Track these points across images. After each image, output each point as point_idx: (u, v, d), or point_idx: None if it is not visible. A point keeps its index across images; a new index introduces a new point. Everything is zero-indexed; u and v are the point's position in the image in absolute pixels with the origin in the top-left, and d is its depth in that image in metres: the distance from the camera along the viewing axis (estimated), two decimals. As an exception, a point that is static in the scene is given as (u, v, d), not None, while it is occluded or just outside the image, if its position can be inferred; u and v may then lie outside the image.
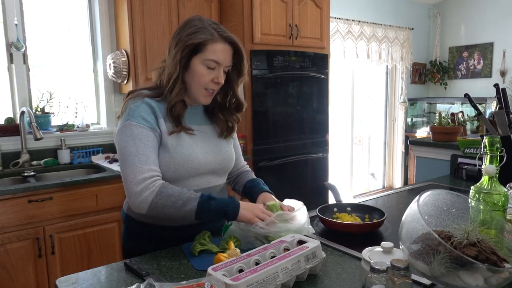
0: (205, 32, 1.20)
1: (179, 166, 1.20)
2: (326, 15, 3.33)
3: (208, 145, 1.29)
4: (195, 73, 1.21)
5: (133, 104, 1.20)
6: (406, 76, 5.20)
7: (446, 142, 2.59)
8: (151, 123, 1.18)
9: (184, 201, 1.14)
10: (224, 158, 1.33)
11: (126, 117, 1.19)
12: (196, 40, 1.19)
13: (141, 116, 1.18)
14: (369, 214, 1.42)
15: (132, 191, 1.14)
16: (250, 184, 1.42)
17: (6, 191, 2.00)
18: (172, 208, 1.14)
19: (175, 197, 1.14)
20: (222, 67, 1.23)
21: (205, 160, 1.26)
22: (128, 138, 1.16)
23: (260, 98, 2.97)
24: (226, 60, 1.23)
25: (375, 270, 0.80)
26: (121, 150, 1.17)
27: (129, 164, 1.14)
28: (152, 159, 1.16)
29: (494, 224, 0.96)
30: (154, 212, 1.15)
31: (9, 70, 2.57)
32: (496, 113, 1.79)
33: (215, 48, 1.20)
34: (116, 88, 2.95)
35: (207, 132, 1.32)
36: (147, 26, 2.71)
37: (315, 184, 3.36)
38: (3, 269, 2.02)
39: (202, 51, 1.20)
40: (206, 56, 1.20)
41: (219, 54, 1.21)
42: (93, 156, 2.77)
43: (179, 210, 1.14)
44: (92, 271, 1.06)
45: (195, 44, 1.19)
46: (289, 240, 1.05)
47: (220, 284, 0.80)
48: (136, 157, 1.14)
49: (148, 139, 1.17)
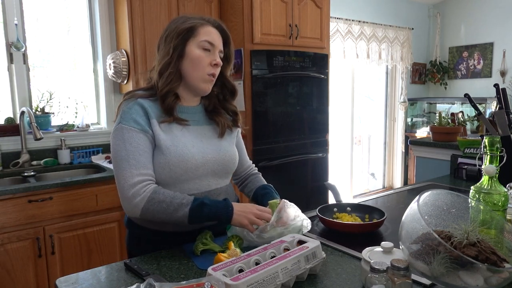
0: (193, 19, 1.24)
1: (174, 167, 1.18)
2: (326, 15, 3.33)
3: (207, 145, 1.26)
4: (193, 57, 1.22)
5: (126, 106, 1.20)
6: (406, 76, 5.20)
7: (446, 142, 2.59)
8: (142, 125, 1.17)
9: (175, 207, 1.13)
10: (224, 159, 1.29)
11: (118, 119, 1.19)
12: (187, 25, 1.22)
13: (132, 118, 1.17)
14: (369, 214, 1.42)
15: (123, 196, 1.14)
16: (262, 191, 1.39)
17: (6, 191, 2.00)
18: (164, 214, 1.13)
19: (166, 203, 1.12)
20: (217, 50, 1.25)
21: (203, 161, 1.23)
22: (119, 142, 1.16)
23: (260, 98, 2.97)
24: (219, 42, 1.26)
25: (375, 270, 0.80)
26: (113, 154, 1.17)
27: (121, 169, 1.14)
28: (142, 163, 1.15)
29: (494, 224, 0.96)
30: (147, 217, 1.15)
31: (9, 70, 2.57)
32: (496, 113, 1.79)
33: (207, 30, 1.23)
34: (116, 88, 2.95)
35: (206, 132, 1.30)
36: (147, 26, 2.71)
37: (315, 184, 3.36)
38: (3, 269, 2.02)
39: (195, 35, 1.22)
40: (200, 38, 1.22)
41: (212, 35, 1.24)
42: (93, 156, 2.77)
43: (171, 216, 1.13)
44: (92, 271, 1.06)
45: (187, 29, 1.21)
46: (289, 240, 1.05)
47: (220, 284, 0.80)
48: (127, 162, 1.13)
49: (139, 142, 1.16)
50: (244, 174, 1.48)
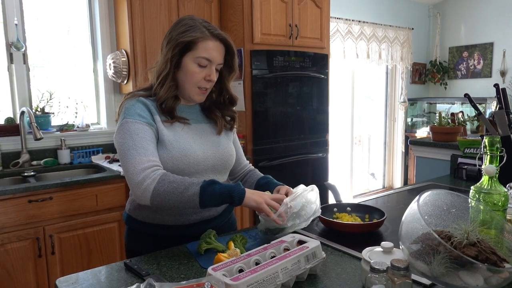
0: (196, 30, 1.21)
1: (177, 161, 1.21)
2: (326, 15, 3.33)
3: (206, 142, 1.30)
4: (187, 71, 1.23)
5: (129, 103, 1.22)
6: (406, 76, 5.20)
7: (446, 142, 2.59)
8: (147, 118, 1.20)
9: (186, 186, 1.11)
10: (223, 154, 1.33)
11: (122, 116, 1.21)
12: (187, 38, 1.20)
13: (137, 113, 1.19)
14: (369, 214, 1.42)
15: (133, 182, 1.13)
16: (264, 180, 1.41)
17: (6, 191, 2.00)
18: (175, 194, 1.11)
19: (177, 183, 1.12)
20: (214, 65, 1.24)
21: (204, 156, 1.26)
22: (125, 135, 1.17)
23: (260, 98, 2.97)
24: (218, 57, 1.24)
25: (375, 270, 0.80)
26: (120, 147, 1.18)
27: (129, 157, 1.15)
28: (150, 151, 1.17)
29: (494, 224, 0.96)
30: (157, 200, 1.12)
31: (9, 70, 2.57)
32: (496, 113, 1.79)
33: (207, 46, 1.21)
34: (116, 88, 2.95)
35: (205, 130, 1.33)
36: (147, 26, 2.71)
37: (315, 184, 3.34)
38: (3, 269, 2.02)
39: (193, 49, 1.21)
40: (198, 54, 1.21)
41: (211, 51, 1.22)
42: (93, 156, 2.77)
43: (182, 196, 1.11)
44: (92, 271, 1.06)
45: (186, 42, 1.20)
46: (289, 240, 1.05)
47: (220, 284, 0.80)
48: (135, 150, 1.15)
49: (146, 133, 1.18)
50: (242, 173, 1.50)
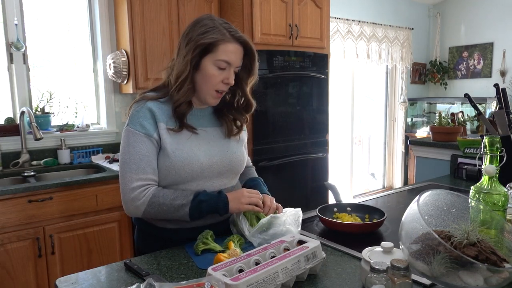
0: (216, 32, 1.18)
1: (179, 170, 1.20)
2: (326, 15, 3.33)
3: (214, 147, 1.27)
4: (205, 73, 1.20)
5: (135, 109, 1.22)
6: (406, 76, 5.20)
7: (446, 142, 2.59)
8: (147, 129, 1.18)
9: (176, 208, 1.18)
10: (231, 160, 1.29)
11: (127, 121, 1.22)
12: (208, 40, 1.17)
13: (138, 122, 1.19)
14: (369, 214, 1.42)
15: (125, 199, 1.19)
16: (251, 183, 1.42)
17: (6, 191, 2.00)
18: (166, 215, 1.19)
19: (166, 206, 1.17)
20: (233, 68, 1.22)
21: (209, 163, 1.24)
22: (125, 145, 1.20)
23: (260, 98, 2.96)
24: (237, 60, 1.22)
25: (375, 270, 0.80)
26: (119, 156, 1.22)
27: (123, 172, 1.19)
28: (142, 168, 1.18)
29: (494, 224, 0.96)
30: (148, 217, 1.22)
31: (9, 70, 2.57)
32: (496, 113, 1.79)
33: (227, 49, 1.18)
34: (116, 88, 2.95)
35: (214, 134, 1.30)
36: (147, 26, 2.71)
37: (315, 184, 3.36)
38: (3, 269, 2.02)
39: (213, 51, 1.18)
40: (218, 57, 1.18)
41: (231, 54, 1.19)
42: (93, 156, 2.77)
43: (172, 216, 1.20)
44: (92, 271, 1.06)
45: (206, 44, 1.17)
46: (289, 240, 1.05)
47: (220, 284, 0.80)
48: (128, 166, 1.18)
49: (142, 147, 1.18)
50: None
